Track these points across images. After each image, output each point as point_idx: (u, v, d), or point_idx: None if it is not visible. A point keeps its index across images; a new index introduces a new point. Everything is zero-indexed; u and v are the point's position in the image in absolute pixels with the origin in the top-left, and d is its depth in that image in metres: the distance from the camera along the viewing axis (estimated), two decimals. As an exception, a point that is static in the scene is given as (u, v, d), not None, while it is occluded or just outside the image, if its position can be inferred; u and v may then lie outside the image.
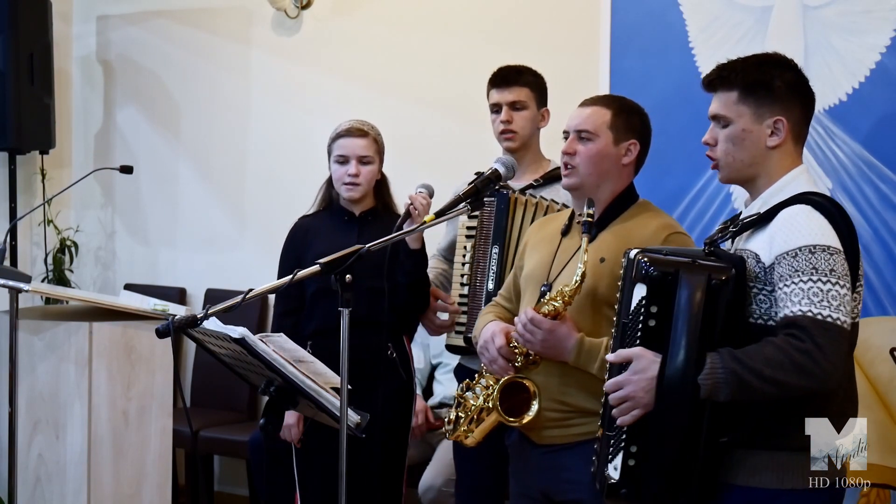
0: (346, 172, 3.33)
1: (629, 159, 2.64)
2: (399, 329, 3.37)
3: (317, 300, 3.33)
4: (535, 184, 3.31)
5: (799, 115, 2.23)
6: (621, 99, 2.73)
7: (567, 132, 2.66)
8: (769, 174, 2.22)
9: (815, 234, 2.06)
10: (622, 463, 2.14)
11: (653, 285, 2.11)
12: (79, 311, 3.75)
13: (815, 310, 2.02)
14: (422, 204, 3.15)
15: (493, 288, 3.14)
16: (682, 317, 2.08)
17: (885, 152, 3.48)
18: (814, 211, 2.10)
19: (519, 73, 3.38)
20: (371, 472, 3.25)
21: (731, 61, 2.26)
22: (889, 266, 3.47)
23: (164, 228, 5.47)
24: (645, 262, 2.14)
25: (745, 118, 2.21)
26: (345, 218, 3.40)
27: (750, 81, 2.21)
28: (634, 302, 2.15)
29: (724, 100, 2.24)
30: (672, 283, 2.10)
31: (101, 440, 3.45)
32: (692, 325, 2.07)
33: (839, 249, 2.07)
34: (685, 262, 2.13)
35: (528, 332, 2.52)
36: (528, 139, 3.35)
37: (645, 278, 2.13)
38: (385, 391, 3.23)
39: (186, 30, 5.32)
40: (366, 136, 3.36)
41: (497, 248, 3.18)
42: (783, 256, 2.08)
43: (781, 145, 2.21)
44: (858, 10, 3.52)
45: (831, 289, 2.03)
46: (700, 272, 2.09)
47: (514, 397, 2.58)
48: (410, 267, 3.25)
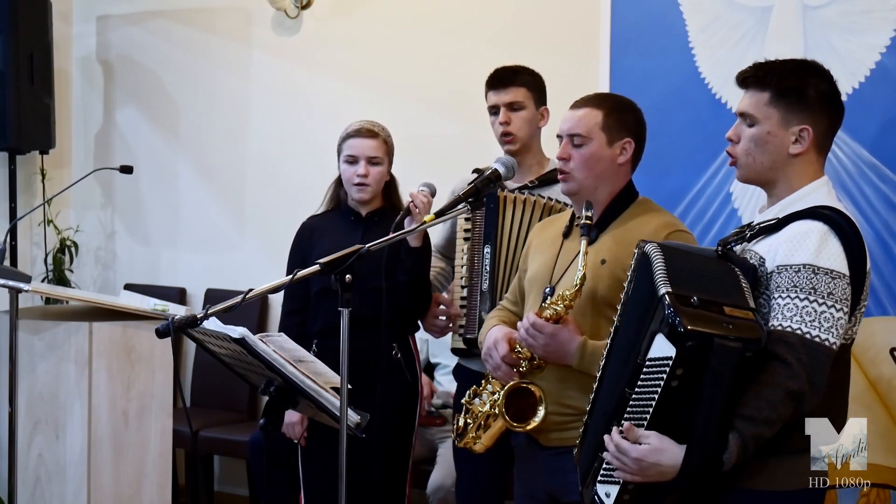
0: (355, 173, 3.33)
1: (625, 158, 2.62)
2: (403, 329, 3.37)
3: (320, 300, 3.33)
4: (530, 185, 3.30)
5: (826, 127, 2.21)
6: (612, 97, 2.71)
7: (560, 136, 2.65)
8: (789, 181, 2.21)
9: (822, 256, 2.06)
10: (618, 497, 2.12)
11: (683, 350, 1.96)
12: (79, 311, 3.75)
13: (804, 328, 2.02)
14: (422, 202, 3.15)
15: (488, 288, 3.15)
16: (710, 392, 1.98)
17: (886, 152, 3.48)
18: (830, 233, 2.09)
19: (515, 74, 3.36)
20: (374, 473, 3.24)
21: (770, 62, 2.24)
22: (889, 266, 3.47)
23: (164, 228, 5.47)
24: (673, 316, 1.97)
25: (772, 121, 2.19)
26: (351, 218, 3.40)
27: (784, 86, 2.19)
28: (656, 353, 2.02)
29: (754, 99, 2.22)
30: (704, 349, 1.96)
31: (101, 440, 3.45)
32: (721, 401, 1.98)
33: (844, 275, 2.06)
34: (720, 326, 1.97)
35: (531, 337, 2.52)
36: (527, 140, 3.34)
37: (676, 340, 1.97)
38: (388, 391, 3.23)
39: (186, 30, 5.32)
40: (376, 136, 3.36)
41: (489, 248, 3.19)
42: (786, 268, 2.08)
43: (804, 154, 2.19)
44: (858, 10, 3.52)
45: (825, 311, 2.03)
46: (735, 342, 1.97)
47: (520, 402, 2.58)
48: (410, 265, 3.25)
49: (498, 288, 3.16)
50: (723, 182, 3.73)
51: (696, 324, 1.96)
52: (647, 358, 2.03)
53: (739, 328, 1.98)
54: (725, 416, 1.99)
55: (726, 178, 3.70)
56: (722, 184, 3.74)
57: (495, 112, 3.35)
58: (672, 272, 2.07)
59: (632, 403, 2.08)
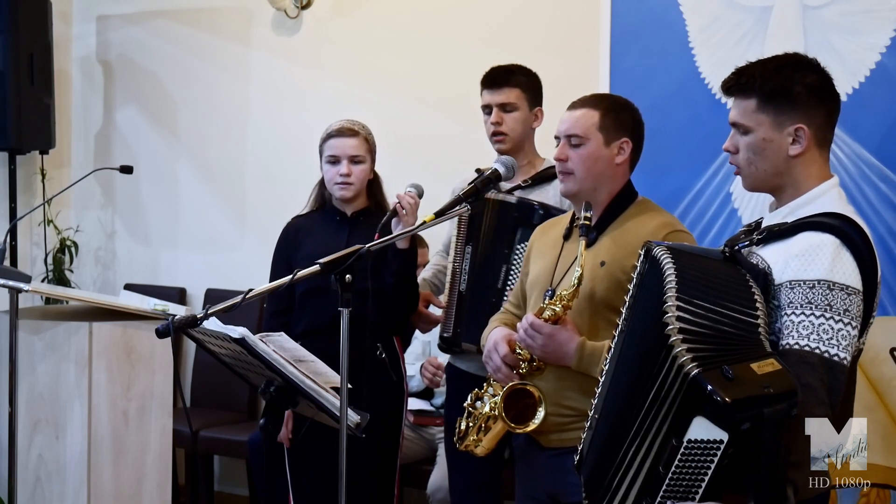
0: (337, 172, 3.33)
1: (623, 158, 2.62)
2: (388, 329, 3.37)
3: (306, 300, 3.32)
4: (523, 185, 3.29)
5: (822, 120, 2.14)
6: (608, 97, 2.71)
7: (558, 137, 2.65)
8: (796, 183, 2.15)
9: (837, 271, 2.01)
10: None
11: (737, 433, 1.81)
12: (79, 311, 3.75)
13: (822, 346, 1.97)
14: (409, 203, 3.15)
15: (465, 289, 3.15)
16: (767, 460, 1.84)
17: (885, 152, 3.48)
18: (842, 247, 2.03)
19: (510, 74, 3.35)
20: (362, 473, 3.24)
21: (750, 65, 2.17)
22: (889, 266, 3.47)
23: (164, 228, 5.47)
24: (719, 401, 1.79)
25: (764, 127, 2.12)
26: (336, 218, 3.40)
27: (768, 89, 2.12)
28: (699, 436, 1.84)
29: (742, 107, 2.15)
30: (757, 424, 1.83)
31: (101, 440, 3.45)
32: (777, 463, 1.87)
33: (858, 290, 2.02)
34: (761, 393, 1.82)
35: (529, 338, 2.52)
36: (519, 140, 3.33)
37: (726, 424, 1.82)
38: (373, 391, 3.22)
39: (186, 30, 5.33)
40: (356, 135, 3.36)
41: (470, 248, 3.19)
42: (799, 283, 2.02)
43: (805, 153, 2.13)
44: (858, 10, 3.52)
45: (842, 329, 1.99)
46: (782, 406, 1.83)
47: (520, 404, 2.58)
48: (397, 266, 3.24)
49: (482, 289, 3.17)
50: (723, 182, 3.73)
51: (744, 404, 1.80)
52: (687, 440, 1.85)
53: (776, 384, 1.84)
54: (783, 472, 1.90)
55: (726, 178, 3.70)
56: (722, 184, 3.74)
57: (488, 111, 3.35)
58: (684, 284, 1.98)
59: (670, 482, 1.91)
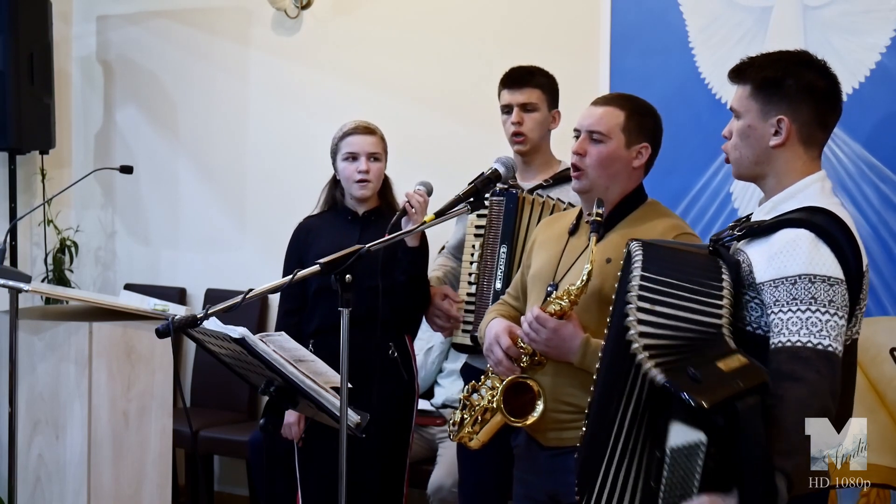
0: (356, 169, 3.33)
1: (640, 162, 2.61)
2: (400, 328, 3.37)
3: (318, 299, 3.33)
4: (544, 184, 3.30)
5: (808, 117, 2.16)
6: (635, 100, 2.68)
7: (578, 130, 2.62)
8: (778, 176, 2.18)
9: (815, 264, 2.02)
10: None
11: (714, 430, 1.84)
12: (79, 311, 3.75)
13: (814, 340, 1.98)
14: (419, 202, 3.15)
15: (501, 287, 3.14)
16: (748, 452, 1.86)
17: (885, 152, 3.48)
18: (817, 240, 2.04)
19: (531, 75, 3.36)
20: (371, 472, 3.24)
21: (757, 55, 2.23)
22: (889, 266, 3.47)
23: (164, 228, 5.47)
24: (689, 399, 1.81)
25: (752, 113, 2.17)
26: (348, 217, 3.40)
27: (761, 77, 2.17)
28: (679, 441, 1.86)
29: (739, 93, 2.21)
30: (731, 419, 1.84)
31: (101, 440, 3.45)
32: (759, 454, 1.87)
33: (840, 280, 2.02)
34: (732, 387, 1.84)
35: (534, 331, 2.50)
36: (538, 141, 3.34)
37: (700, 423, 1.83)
38: (384, 390, 3.23)
39: (186, 30, 5.32)
40: (374, 133, 3.38)
41: (505, 248, 3.18)
42: (781, 281, 2.03)
43: (785, 146, 2.15)
44: (858, 10, 3.52)
45: (830, 319, 1.99)
46: (753, 397, 1.86)
47: (519, 398, 2.57)
48: (407, 264, 3.25)
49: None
50: (723, 182, 3.73)
51: (716, 402, 1.82)
52: (669, 448, 1.88)
53: (746, 379, 1.87)
54: (767, 462, 1.90)
55: (726, 178, 3.70)
56: (722, 184, 3.74)
57: (508, 111, 3.35)
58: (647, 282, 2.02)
59: (664, 494, 1.91)
